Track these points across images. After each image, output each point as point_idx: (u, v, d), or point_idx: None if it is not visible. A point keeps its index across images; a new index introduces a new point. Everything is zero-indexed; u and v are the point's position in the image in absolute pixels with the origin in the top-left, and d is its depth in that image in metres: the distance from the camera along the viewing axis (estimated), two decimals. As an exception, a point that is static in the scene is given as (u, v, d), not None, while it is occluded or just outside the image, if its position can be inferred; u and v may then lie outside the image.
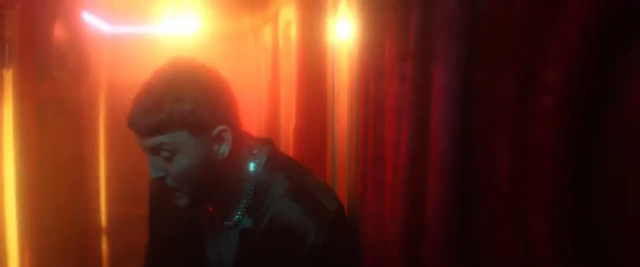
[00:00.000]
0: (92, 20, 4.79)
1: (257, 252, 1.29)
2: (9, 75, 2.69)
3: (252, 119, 5.04)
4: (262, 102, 4.20)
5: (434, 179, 0.84)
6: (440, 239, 0.81)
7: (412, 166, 0.92)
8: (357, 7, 1.35)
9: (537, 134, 0.72)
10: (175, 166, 1.25)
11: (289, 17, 3.16)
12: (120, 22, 5.29)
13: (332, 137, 1.88)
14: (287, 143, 2.83)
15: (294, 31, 2.76)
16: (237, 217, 1.34)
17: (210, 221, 1.41)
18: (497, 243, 0.78)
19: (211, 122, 1.26)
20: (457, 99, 0.83)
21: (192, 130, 1.24)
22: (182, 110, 1.23)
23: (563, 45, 0.67)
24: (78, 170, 4.19)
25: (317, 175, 1.47)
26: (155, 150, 1.26)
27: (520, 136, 0.75)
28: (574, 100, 0.67)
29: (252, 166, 1.33)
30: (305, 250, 1.22)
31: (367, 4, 1.22)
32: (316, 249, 1.22)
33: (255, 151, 1.36)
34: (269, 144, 1.41)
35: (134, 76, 5.91)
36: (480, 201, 0.81)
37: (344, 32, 1.66)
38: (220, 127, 1.26)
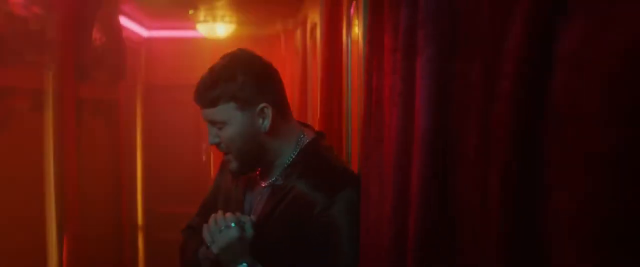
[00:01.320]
0: (131, 26, 5.00)
1: (277, 207, 1.51)
2: (49, 76, 2.90)
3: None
4: (294, 99, 4.35)
5: (417, 151, 0.98)
6: (422, 198, 0.96)
7: (399, 141, 1.06)
8: (363, 7, 1.49)
9: (496, 112, 0.84)
10: (225, 133, 1.51)
11: (314, 20, 3.34)
12: (157, 27, 5.52)
13: (347, 126, 2.07)
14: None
15: (318, 33, 2.92)
16: (273, 179, 1.57)
17: (253, 182, 1.64)
18: (466, 202, 0.91)
19: (256, 99, 1.50)
20: (435, 86, 0.96)
21: (239, 105, 1.49)
22: (232, 87, 1.49)
23: (514, 39, 0.79)
24: (115, 167, 4.33)
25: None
26: (211, 120, 1.52)
27: (485, 115, 0.87)
28: (524, 84, 0.79)
29: (295, 144, 1.58)
30: (312, 217, 1.44)
31: (371, 4, 1.36)
32: (320, 218, 1.43)
33: (301, 133, 1.61)
34: (319, 133, 1.67)
35: (170, 78, 6.11)
36: (455, 168, 0.94)
37: (357, 32, 1.80)
38: (263, 105, 1.50)
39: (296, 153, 1.56)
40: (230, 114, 1.50)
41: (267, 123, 1.51)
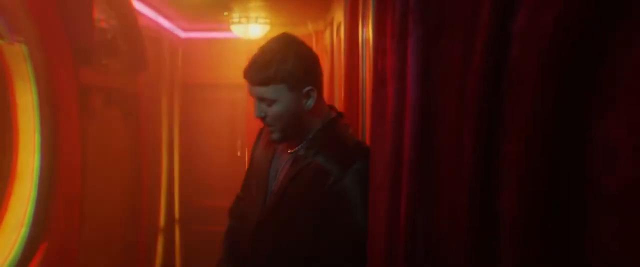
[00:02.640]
0: (169, 27, 5.23)
1: (296, 175, 1.68)
2: (17, 49, 2.36)
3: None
4: (325, 93, 4.51)
5: (409, 119, 1.15)
6: (413, 154, 1.13)
7: (395, 112, 1.23)
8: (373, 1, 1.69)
9: (469, 83, 1.01)
10: (273, 110, 1.67)
11: (339, 19, 3.52)
12: (194, 28, 5.74)
13: (362, 109, 2.26)
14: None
15: (342, 31, 3.10)
16: (297, 148, 1.74)
17: (280, 151, 1.82)
18: (446, 153, 1.08)
19: (304, 82, 1.67)
20: (422, 63, 1.13)
21: (289, 86, 1.66)
22: (284, 70, 1.64)
23: (483, 21, 0.96)
24: (135, 160, 4.21)
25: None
26: (261, 97, 1.69)
27: (461, 86, 1.04)
28: (489, 58, 0.96)
29: (321, 122, 1.75)
30: (326, 185, 1.61)
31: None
32: (333, 187, 1.60)
33: (329, 112, 1.80)
34: (339, 113, 1.86)
35: (206, 77, 6.32)
36: (437, 132, 1.11)
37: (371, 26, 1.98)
38: (309, 87, 1.68)
39: (321, 128, 1.74)
40: (280, 94, 1.65)
41: (310, 103, 1.69)
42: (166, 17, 4.98)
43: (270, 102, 1.67)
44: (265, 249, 1.69)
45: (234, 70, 5.60)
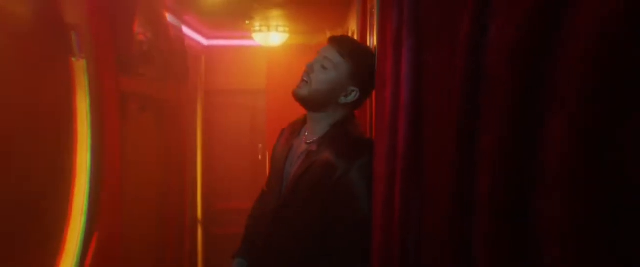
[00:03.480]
0: (192, 35, 5.40)
1: (308, 168, 1.83)
2: (81, 64, 2.78)
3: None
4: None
5: (402, 118, 1.30)
6: (406, 148, 1.28)
7: (391, 112, 1.38)
8: (377, 11, 1.84)
9: (453, 85, 1.15)
10: (322, 72, 1.86)
11: (353, 28, 3.68)
12: (216, 36, 5.92)
13: (370, 110, 2.41)
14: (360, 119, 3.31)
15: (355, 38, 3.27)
16: (310, 141, 1.91)
17: (296, 147, 1.97)
18: (433, 154, 1.23)
19: (358, 81, 1.87)
20: (413, 68, 1.28)
21: (350, 72, 1.86)
22: (362, 62, 1.87)
23: (462, 35, 1.11)
24: (165, 160, 4.44)
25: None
26: (328, 56, 1.88)
27: (447, 87, 1.18)
28: (469, 65, 1.10)
29: (342, 117, 1.91)
30: (333, 178, 1.76)
31: (381, 6, 1.70)
32: (340, 180, 1.75)
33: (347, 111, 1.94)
34: (352, 113, 2.00)
35: (228, 84, 6.48)
36: (426, 128, 1.26)
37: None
38: (357, 89, 1.87)
39: (335, 124, 1.90)
40: (340, 69, 1.85)
41: (344, 99, 1.87)
42: (189, 25, 5.15)
43: (326, 66, 1.85)
44: (281, 232, 1.86)
45: (255, 77, 5.81)
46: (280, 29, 5.30)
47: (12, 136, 2.29)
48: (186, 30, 4.98)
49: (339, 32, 5.61)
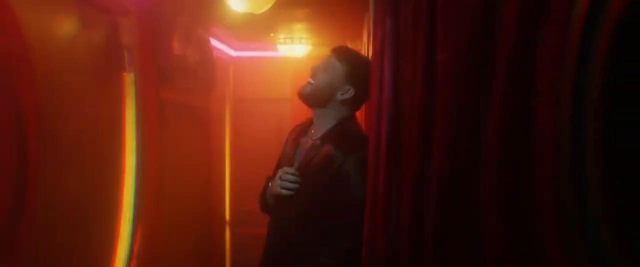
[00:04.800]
0: (221, 47, 5.72)
1: (312, 160, 2.17)
2: (130, 78, 3.33)
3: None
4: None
5: (383, 112, 1.62)
6: (388, 134, 1.60)
7: (375, 105, 1.70)
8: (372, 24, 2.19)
9: (416, 90, 1.47)
10: (322, 75, 2.26)
11: (364, 40, 4.01)
12: (243, 48, 6.23)
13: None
14: (360, 119, 3.61)
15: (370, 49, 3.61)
16: (316, 137, 2.25)
17: (302, 143, 2.31)
18: (407, 141, 1.54)
19: (351, 81, 2.24)
20: (393, 74, 1.60)
21: (348, 72, 2.24)
22: (354, 63, 2.26)
23: (418, 53, 1.44)
24: (204, 166, 4.95)
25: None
26: (329, 60, 2.27)
27: (414, 91, 1.50)
28: (426, 75, 1.43)
29: (343, 116, 2.26)
30: (332, 168, 2.10)
31: (374, 23, 2.03)
32: (338, 170, 2.09)
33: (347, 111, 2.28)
34: (353, 114, 2.34)
35: (255, 93, 6.77)
36: (401, 122, 1.58)
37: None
38: (351, 88, 2.24)
39: (339, 122, 2.25)
40: (338, 71, 2.24)
41: (341, 97, 2.24)
42: (218, 38, 5.45)
43: (328, 69, 2.24)
44: (289, 213, 2.18)
45: (281, 86, 6.10)
46: (304, 41, 5.57)
47: (82, 138, 2.78)
48: (215, 42, 5.29)
49: (356, 44, 5.90)
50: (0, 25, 1.96)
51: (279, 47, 5.63)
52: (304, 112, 5.44)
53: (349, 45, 6.33)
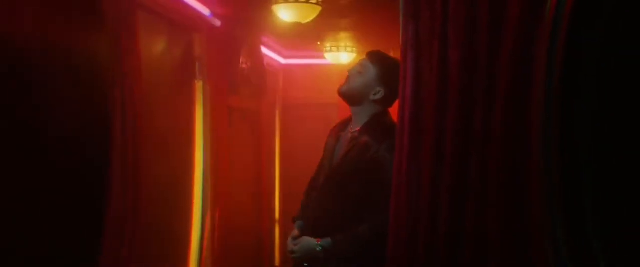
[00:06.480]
0: (272, 55, 6.05)
1: (351, 150, 2.45)
2: (199, 85, 4.01)
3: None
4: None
5: (406, 106, 1.91)
6: (410, 131, 1.89)
7: (401, 105, 1.99)
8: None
9: (432, 80, 1.78)
10: (357, 77, 2.54)
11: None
12: (292, 56, 6.54)
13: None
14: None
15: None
16: (355, 130, 2.54)
17: (343, 138, 2.61)
18: (427, 129, 1.84)
19: (384, 83, 2.49)
20: (414, 75, 1.88)
21: (376, 75, 2.51)
22: (386, 66, 2.51)
23: (435, 49, 1.74)
24: (257, 163, 5.38)
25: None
26: (363, 63, 2.55)
27: (431, 84, 1.81)
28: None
29: (376, 112, 2.54)
30: (369, 155, 2.38)
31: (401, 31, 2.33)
32: (373, 156, 2.37)
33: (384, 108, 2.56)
34: (387, 109, 2.61)
35: (303, 98, 7.09)
36: (420, 111, 1.89)
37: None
38: (381, 89, 2.51)
39: (374, 117, 2.53)
40: (371, 74, 2.50)
41: (374, 97, 2.50)
42: (269, 47, 5.78)
43: (362, 71, 2.52)
44: (329, 196, 2.49)
45: (328, 92, 6.35)
46: (349, 49, 5.83)
47: (167, 137, 3.46)
48: (266, 50, 5.61)
49: (397, 51, 6.13)
50: (128, 49, 2.43)
51: (326, 54, 5.90)
52: (348, 115, 5.73)
53: (392, 53, 6.56)
